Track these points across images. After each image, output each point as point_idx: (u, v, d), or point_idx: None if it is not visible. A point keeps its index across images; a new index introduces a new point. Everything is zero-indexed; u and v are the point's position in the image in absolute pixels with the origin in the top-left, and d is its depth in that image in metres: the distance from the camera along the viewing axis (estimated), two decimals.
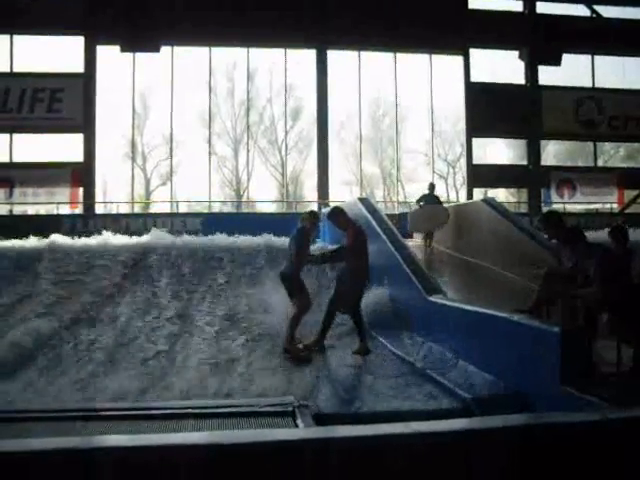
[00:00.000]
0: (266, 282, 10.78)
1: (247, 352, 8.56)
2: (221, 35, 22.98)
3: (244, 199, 26.35)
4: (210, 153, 24.85)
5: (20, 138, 23.24)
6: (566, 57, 24.37)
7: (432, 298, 8.29)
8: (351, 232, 8.59)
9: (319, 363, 7.78)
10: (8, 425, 5.27)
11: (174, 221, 20.11)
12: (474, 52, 24.98)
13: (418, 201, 16.42)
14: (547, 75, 25.04)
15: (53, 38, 22.87)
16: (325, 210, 18.00)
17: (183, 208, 23.83)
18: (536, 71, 25.15)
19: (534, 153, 25.60)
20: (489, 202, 14.33)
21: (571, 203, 25.28)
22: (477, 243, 13.59)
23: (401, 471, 2.99)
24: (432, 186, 16.86)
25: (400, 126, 26.07)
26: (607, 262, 6.26)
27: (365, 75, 25.06)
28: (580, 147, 27.86)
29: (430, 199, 16.13)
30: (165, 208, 24.11)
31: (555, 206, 23.81)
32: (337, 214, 8.87)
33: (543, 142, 26.37)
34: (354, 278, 8.48)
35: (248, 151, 25.76)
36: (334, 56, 24.57)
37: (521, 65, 25.25)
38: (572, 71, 24.99)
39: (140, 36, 21.98)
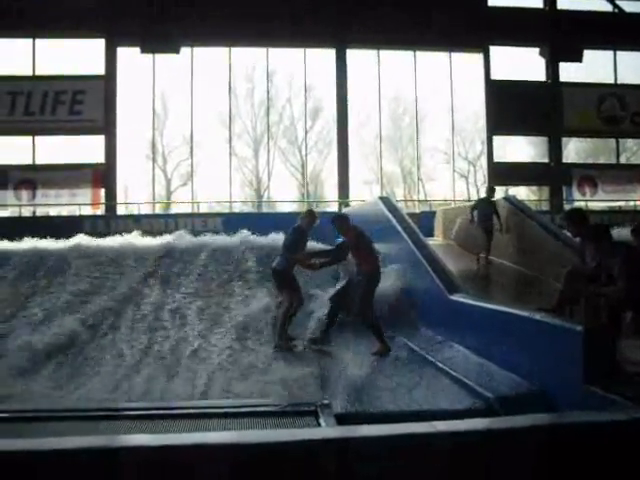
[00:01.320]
0: None
1: None
2: (241, 36, 23.08)
3: (264, 199, 26.41)
4: (230, 153, 24.97)
5: (42, 140, 23.49)
6: (587, 53, 24.16)
7: (454, 297, 8.25)
8: (352, 234, 8.62)
9: (341, 363, 7.77)
10: (33, 424, 5.32)
11: (195, 221, 20.19)
12: (494, 49, 24.89)
13: (472, 209, 13.43)
14: (568, 72, 24.88)
15: (74, 41, 23.08)
16: (345, 209, 18.11)
17: (204, 208, 23.95)
18: (557, 68, 24.99)
19: (555, 150, 25.45)
20: (510, 200, 14.22)
21: (593, 201, 25.08)
22: (498, 241, 13.49)
23: (425, 470, 3.00)
24: (491, 190, 13.84)
25: (420, 124, 26.02)
26: (631, 260, 6.20)
27: (384, 74, 25.07)
28: (602, 144, 27.62)
29: (485, 207, 13.17)
30: (186, 208, 24.24)
31: (577, 204, 23.64)
32: (340, 220, 8.88)
33: (564, 139, 26.21)
34: (369, 282, 8.45)
35: (269, 151, 25.82)
36: (353, 55, 24.59)
37: (542, 62, 25.09)
38: (594, 67, 24.78)
39: (160, 38, 22.11)
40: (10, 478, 2.76)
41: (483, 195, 14.49)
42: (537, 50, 24.74)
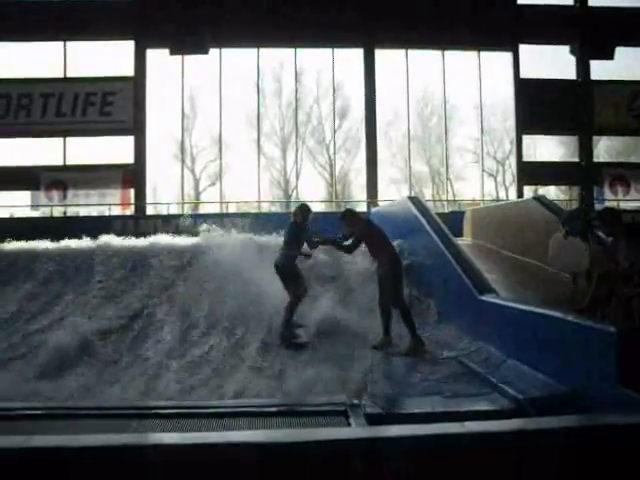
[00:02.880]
0: None
1: None
2: (269, 36, 23.14)
3: (293, 199, 26.42)
4: (259, 154, 25.04)
5: (73, 141, 23.78)
6: (619, 50, 23.84)
7: (484, 297, 8.20)
8: (361, 225, 8.98)
9: (370, 362, 7.75)
10: (64, 421, 5.38)
11: (224, 221, 20.27)
12: (524, 48, 24.65)
13: (562, 224, 9.85)
14: (599, 69, 24.55)
15: (104, 43, 23.35)
16: (374, 209, 18.07)
17: (232, 208, 24.05)
18: (588, 66, 24.68)
19: (586, 149, 25.13)
20: (540, 200, 14.07)
21: (626, 200, 24.71)
22: (528, 242, 13.37)
23: (455, 471, 2.98)
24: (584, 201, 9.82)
25: (448, 124, 25.90)
26: None
27: (412, 73, 24.97)
28: (634, 142, 27.19)
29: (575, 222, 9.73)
30: (215, 209, 24.36)
31: (608, 203, 23.31)
32: (348, 214, 9.23)
33: (595, 138, 25.85)
34: (393, 268, 8.57)
35: (297, 151, 25.87)
36: (381, 55, 24.53)
37: (572, 60, 24.80)
38: (626, 64, 24.41)
39: (189, 39, 22.29)
40: (43, 474, 2.80)
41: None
42: (567, 48, 24.49)
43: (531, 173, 24.52)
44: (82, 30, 22.36)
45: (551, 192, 25.01)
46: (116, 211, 23.16)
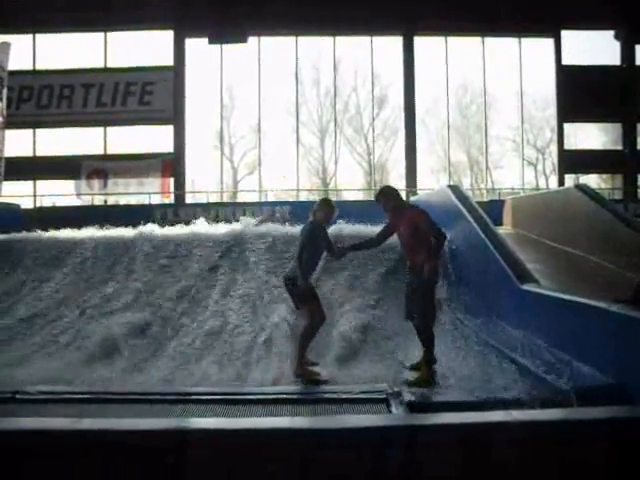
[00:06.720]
0: None
1: None
2: (308, 25, 23.14)
3: (331, 187, 26.41)
4: (297, 142, 25.07)
5: (113, 131, 24.09)
6: None
7: (525, 286, 8.11)
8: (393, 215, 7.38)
9: (411, 353, 7.73)
10: (108, 406, 5.47)
11: (263, 210, 20.39)
12: (566, 34, 24.22)
13: None
14: None
15: (144, 33, 23.59)
16: (413, 198, 17.97)
17: (271, 197, 24.17)
18: (633, 50, 24.15)
19: (630, 137, 24.65)
20: (582, 189, 13.83)
21: None
22: (570, 231, 13.19)
23: (498, 459, 2.96)
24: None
25: (487, 112, 25.62)
26: None
27: (452, 61, 24.74)
28: None
29: None
30: (253, 197, 24.50)
31: None
32: (384, 194, 7.41)
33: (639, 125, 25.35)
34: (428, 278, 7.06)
35: (335, 138, 25.85)
36: (420, 42, 24.35)
37: (617, 45, 24.28)
38: None
39: (228, 28, 22.36)
40: (90, 455, 2.85)
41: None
42: (612, 33, 23.99)
43: (572, 161, 24.16)
44: (122, 20, 22.63)
45: (591, 181, 24.62)
46: (155, 200, 23.41)
